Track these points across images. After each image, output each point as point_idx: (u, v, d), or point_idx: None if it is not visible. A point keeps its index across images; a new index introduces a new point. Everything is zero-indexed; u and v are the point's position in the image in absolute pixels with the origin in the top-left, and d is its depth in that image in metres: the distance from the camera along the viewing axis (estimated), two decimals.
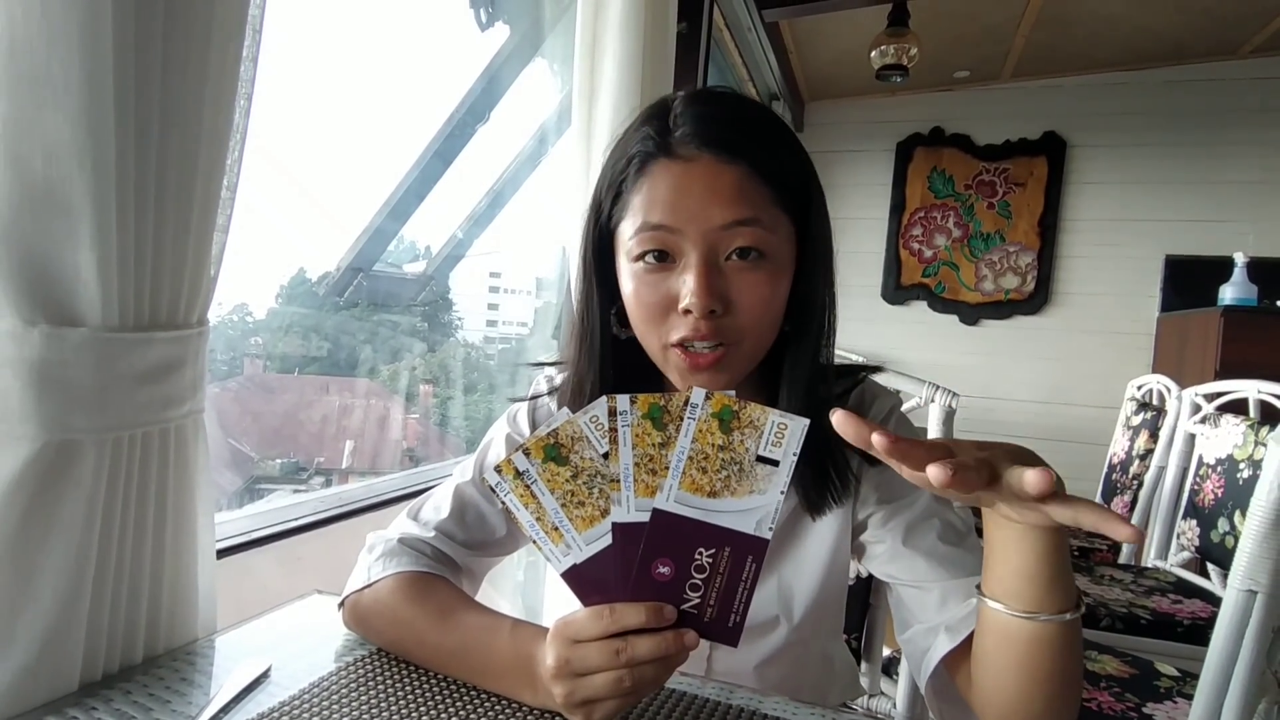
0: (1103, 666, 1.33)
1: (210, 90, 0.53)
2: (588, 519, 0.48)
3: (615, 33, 1.35)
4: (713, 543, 0.48)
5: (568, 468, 0.48)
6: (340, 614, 0.66)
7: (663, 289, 0.60)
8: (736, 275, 0.60)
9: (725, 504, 0.48)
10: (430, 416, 2.02)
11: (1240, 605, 0.90)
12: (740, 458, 0.48)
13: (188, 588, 0.60)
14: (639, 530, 0.48)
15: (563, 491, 0.48)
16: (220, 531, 0.79)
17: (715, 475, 0.48)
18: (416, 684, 0.56)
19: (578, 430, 0.48)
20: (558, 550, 0.49)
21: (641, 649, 0.47)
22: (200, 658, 0.60)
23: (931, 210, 3.63)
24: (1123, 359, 3.32)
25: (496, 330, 2.31)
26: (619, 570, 0.48)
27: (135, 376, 0.52)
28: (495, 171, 2.00)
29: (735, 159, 0.60)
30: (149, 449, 0.54)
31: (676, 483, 0.47)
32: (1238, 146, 3.21)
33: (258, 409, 1.63)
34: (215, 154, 0.55)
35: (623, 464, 0.48)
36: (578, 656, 0.48)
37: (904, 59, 2.52)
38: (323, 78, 1.44)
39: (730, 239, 0.59)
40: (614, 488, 0.48)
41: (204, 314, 0.58)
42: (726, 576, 0.48)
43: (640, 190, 0.61)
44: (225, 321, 1.47)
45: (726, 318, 0.59)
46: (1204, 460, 1.71)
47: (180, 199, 0.53)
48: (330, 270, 1.73)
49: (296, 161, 1.41)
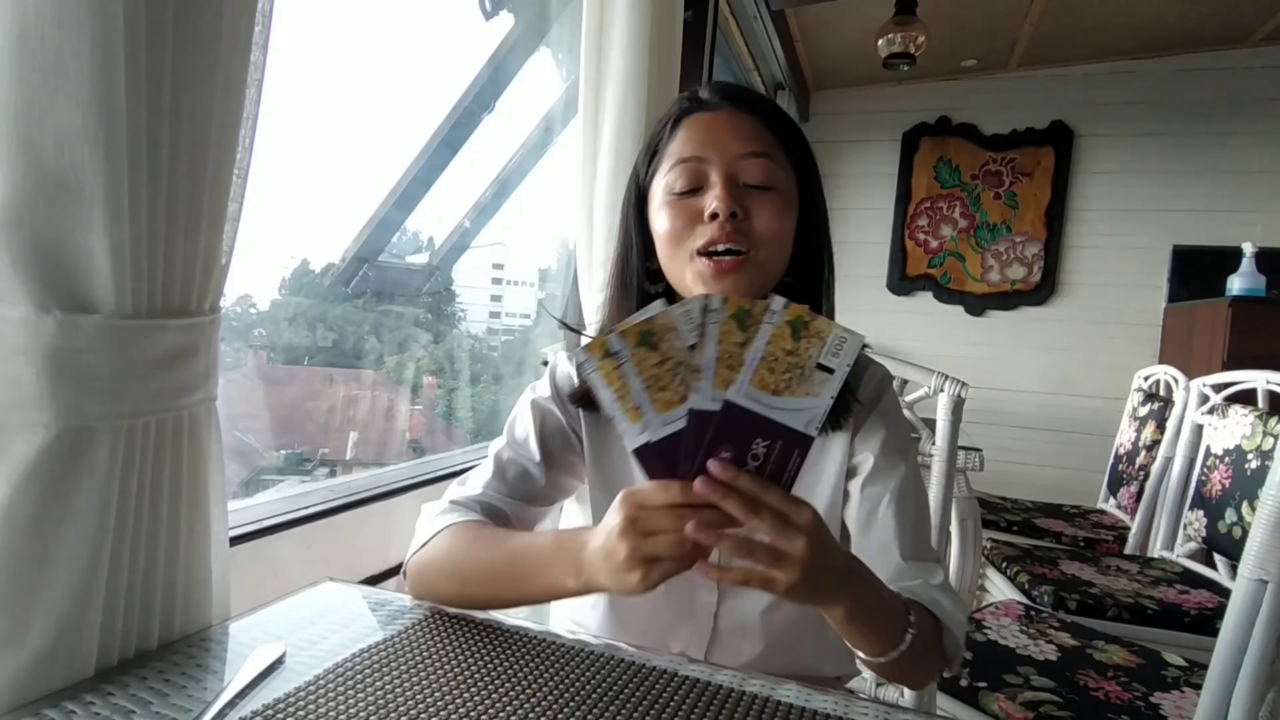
0: (1110, 656, 1.33)
1: (221, 77, 0.53)
2: (667, 402, 0.52)
3: (622, 21, 1.35)
4: (769, 435, 0.53)
5: (656, 353, 0.52)
6: (403, 582, 0.72)
7: (691, 208, 0.71)
8: (753, 196, 0.71)
9: (784, 401, 0.53)
10: (435, 408, 2.03)
11: (1251, 595, 0.90)
12: (804, 363, 0.53)
13: (201, 574, 0.60)
14: (710, 417, 0.52)
15: (649, 375, 0.52)
16: (232, 520, 0.79)
17: (780, 375, 0.53)
18: (433, 670, 0.57)
19: (671, 321, 0.52)
20: (634, 428, 0.52)
21: (707, 516, 0.52)
22: (215, 644, 0.61)
23: (938, 200, 3.61)
24: (1129, 350, 3.31)
25: (500, 322, 2.31)
26: (688, 451, 0.52)
27: (148, 364, 0.52)
28: (500, 161, 1.99)
29: (752, 111, 0.74)
30: (163, 436, 0.54)
31: (748, 379, 0.52)
32: (1247, 136, 3.18)
33: (261, 400, 1.63)
34: (226, 141, 0.55)
35: (707, 356, 0.52)
36: (645, 516, 0.53)
37: (911, 48, 2.50)
38: (329, 67, 1.43)
39: (748, 167, 0.71)
40: (695, 377, 0.52)
41: (216, 302, 0.58)
42: (774, 466, 0.54)
43: (674, 139, 0.74)
44: (229, 313, 1.48)
45: (746, 223, 0.70)
46: (1211, 451, 1.71)
47: (192, 186, 0.53)
48: (335, 261, 1.73)
49: (302, 151, 1.41)
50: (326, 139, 1.50)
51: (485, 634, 0.64)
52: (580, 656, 0.61)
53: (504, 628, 0.65)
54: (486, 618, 0.67)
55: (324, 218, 1.66)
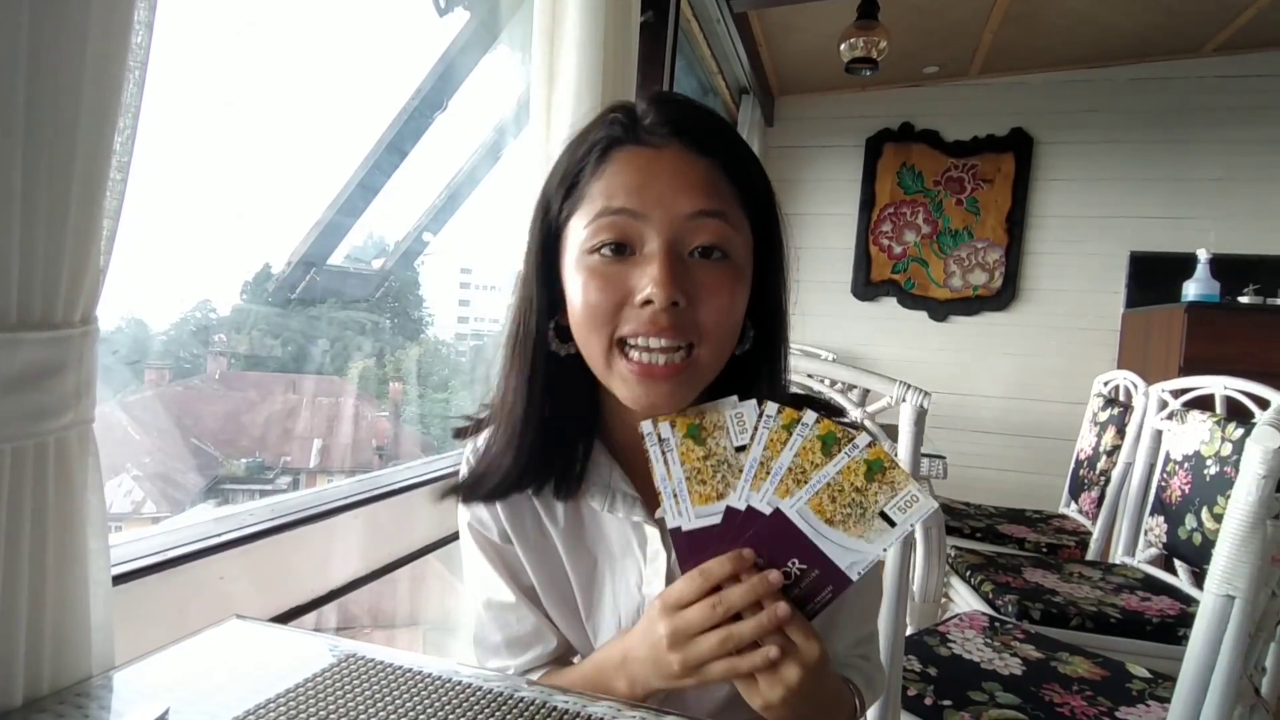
0: (1074, 669, 1.30)
1: (92, 58, 0.47)
2: (704, 496, 0.55)
3: (574, 19, 1.29)
4: (808, 559, 0.54)
5: (703, 448, 0.55)
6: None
7: (617, 282, 0.57)
8: (700, 271, 0.57)
9: (835, 535, 0.53)
10: (400, 414, 1.96)
11: (1218, 610, 0.87)
12: (868, 504, 0.53)
13: (76, 619, 0.53)
14: (752, 517, 0.54)
15: (691, 466, 0.55)
16: (133, 550, 0.72)
17: (840, 507, 0.53)
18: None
19: (721, 419, 0.55)
20: (672, 510, 0.55)
21: (734, 595, 0.53)
22: (91, 699, 0.53)
23: (901, 206, 3.62)
24: (1089, 355, 3.35)
25: (468, 326, 2.26)
26: (719, 547, 0.54)
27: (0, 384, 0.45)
28: (456, 163, 1.93)
29: (705, 153, 0.58)
30: (21, 466, 0.47)
31: (807, 497, 0.53)
32: (1200, 144, 3.24)
33: (215, 408, 1.57)
34: (100, 131, 0.48)
35: (751, 458, 0.54)
36: (683, 620, 0.54)
37: (873, 52, 2.49)
38: (281, 64, 1.37)
39: (696, 231, 0.57)
40: (736, 476, 0.54)
41: (90, 311, 0.51)
42: (804, 591, 0.54)
43: (601, 177, 0.58)
44: (187, 318, 1.44)
45: (688, 313, 0.56)
46: (1171, 456, 1.71)
47: (54, 181, 0.46)
48: (281, 266, 1.65)
49: (258, 154, 1.35)
50: (284, 140, 1.44)
51: (407, 682, 0.57)
52: (513, 705, 0.56)
53: (429, 675, 0.59)
54: (410, 663, 0.60)
55: (278, 221, 1.59)
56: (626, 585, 0.68)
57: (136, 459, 1.40)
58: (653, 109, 0.60)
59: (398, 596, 1.74)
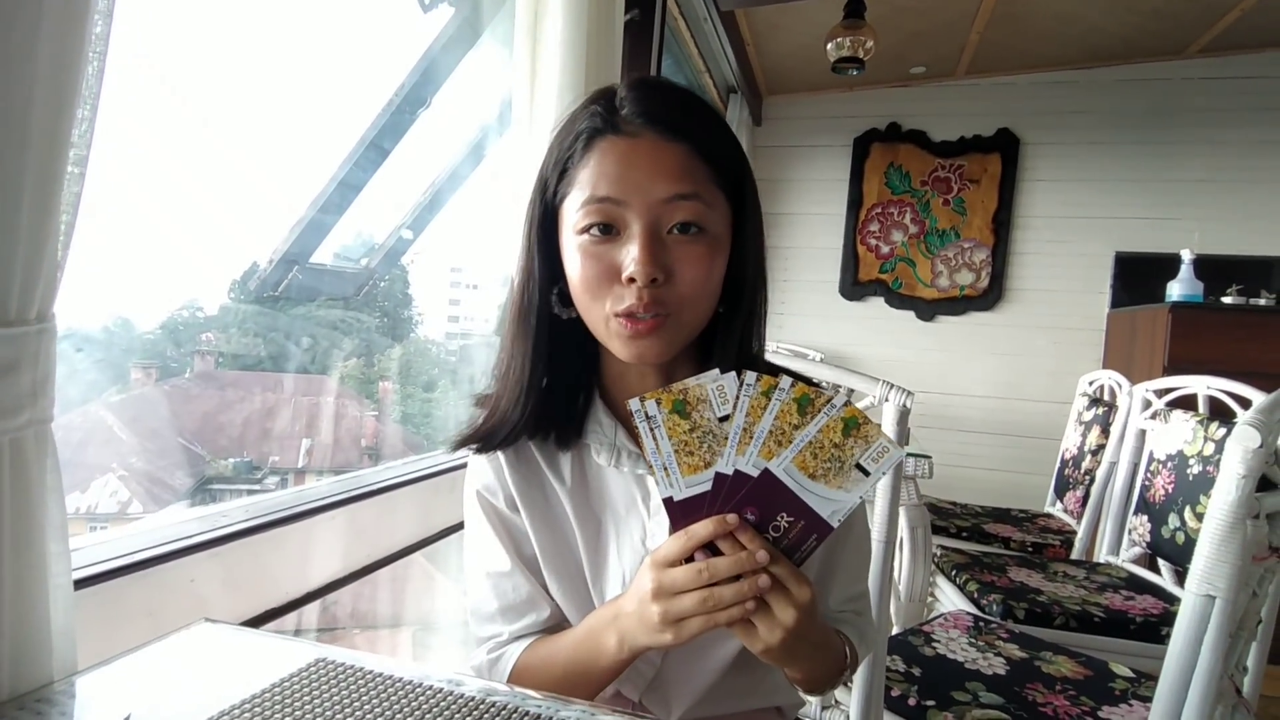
0: (1058, 668, 1.31)
1: (45, 45, 0.45)
2: (693, 467, 0.58)
3: (556, 17, 1.28)
4: (794, 513, 0.58)
5: (688, 421, 0.58)
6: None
7: (607, 260, 0.64)
8: (678, 247, 0.64)
9: (817, 488, 0.57)
10: (390, 413, 1.95)
11: (1198, 610, 0.87)
12: (845, 458, 0.57)
13: (35, 624, 0.52)
14: (740, 480, 0.57)
15: (678, 439, 0.58)
16: (95, 554, 0.70)
17: (821, 463, 0.57)
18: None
19: (704, 393, 0.58)
20: (664, 482, 0.58)
21: (720, 565, 0.57)
22: (52, 705, 0.52)
23: (889, 206, 3.63)
24: (1074, 355, 3.37)
25: (459, 326, 2.24)
26: (711, 509, 0.58)
27: None
28: (440, 162, 1.91)
29: (678, 138, 0.64)
30: None
31: (791, 456, 0.57)
32: (1185, 146, 3.26)
33: (203, 408, 1.56)
34: (53, 121, 0.47)
35: (734, 426, 0.57)
36: (669, 577, 0.58)
37: (860, 52, 2.49)
38: (266, 61, 1.35)
39: (672, 212, 0.63)
40: (721, 445, 0.58)
41: (46, 309, 0.50)
42: (791, 541, 0.59)
43: (587, 165, 0.65)
44: (175, 318, 1.44)
45: (667, 287, 0.64)
46: (1155, 456, 1.71)
47: (4, 173, 0.45)
48: (262, 264, 1.63)
49: (246, 152, 1.34)
50: (271, 138, 1.43)
51: (376, 686, 0.56)
52: (485, 709, 0.55)
53: (399, 679, 0.58)
54: (380, 667, 0.59)
55: (264, 218, 1.58)
56: (631, 541, 0.73)
57: (123, 459, 1.38)
58: (629, 98, 0.66)
59: (382, 598, 1.73)
